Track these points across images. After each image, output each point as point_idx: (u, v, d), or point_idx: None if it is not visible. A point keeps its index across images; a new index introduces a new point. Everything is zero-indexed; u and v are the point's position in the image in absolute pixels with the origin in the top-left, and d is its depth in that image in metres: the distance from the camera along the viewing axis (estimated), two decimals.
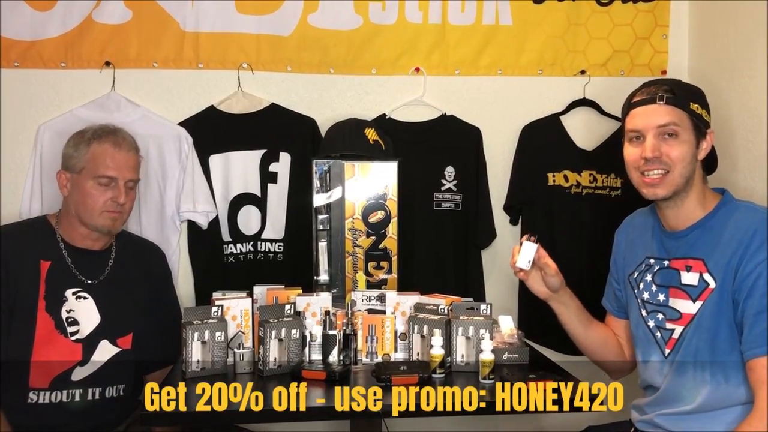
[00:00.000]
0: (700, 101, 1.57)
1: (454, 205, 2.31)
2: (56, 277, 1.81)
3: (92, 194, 1.81)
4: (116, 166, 1.82)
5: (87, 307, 1.83)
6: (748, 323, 1.42)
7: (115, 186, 1.82)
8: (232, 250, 2.26)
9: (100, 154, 1.81)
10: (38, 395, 1.76)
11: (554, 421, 2.31)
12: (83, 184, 1.81)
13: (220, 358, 1.73)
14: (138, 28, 2.21)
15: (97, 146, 1.82)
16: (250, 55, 2.26)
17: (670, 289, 1.58)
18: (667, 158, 1.52)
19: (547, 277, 1.70)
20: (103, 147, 1.82)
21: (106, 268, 1.88)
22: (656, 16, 2.37)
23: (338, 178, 2.07)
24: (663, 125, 1.53)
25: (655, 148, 1.52)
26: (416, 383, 1.61)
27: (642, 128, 1.55)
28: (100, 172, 1.81)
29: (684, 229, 1.57)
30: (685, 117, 1.53)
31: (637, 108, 1.57)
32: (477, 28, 2.32)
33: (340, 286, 2.06)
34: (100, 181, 1.81)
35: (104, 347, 1.83)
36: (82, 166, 1.82)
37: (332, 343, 1.74)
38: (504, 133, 2.36)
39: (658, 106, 1.53)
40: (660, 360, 1.60)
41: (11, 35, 2.17)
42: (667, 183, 1.53)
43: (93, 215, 1.81)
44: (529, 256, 1.66)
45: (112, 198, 1.81)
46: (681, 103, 1.53)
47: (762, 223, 1.47)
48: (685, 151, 1.53)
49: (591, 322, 1.77)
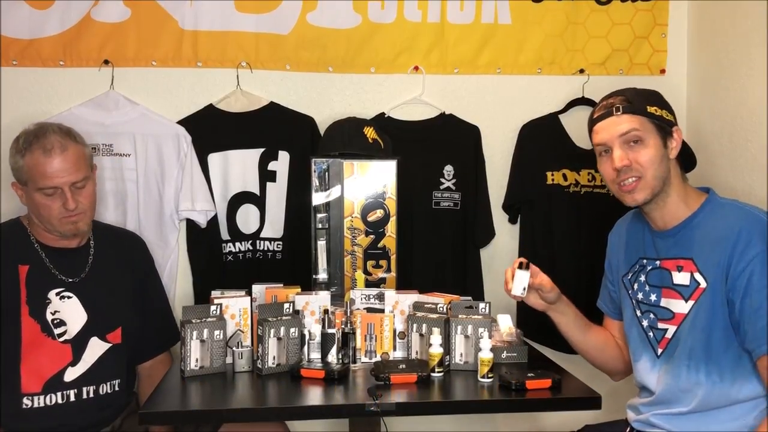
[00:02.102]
0: (658, 103, 1.58)
1: (452, 203, 2.31)
2: (36, 280, 1.79)
3: (42, 205, 1.75)
4: (53, 174, 1.73)
5: (72, 306, 1.81)
6: (749, 321, 1.43)
7: (61, 193, 1.75)
8: (231, 249, 2.26)
9: (33, 166, 1.73)
10: (32, 400, 1.75)
11: (552, 420, 2.31)
12: (33, 196, 1.76)
13: (219, 357, 1.73)
14: (136, 27, 2.21)
15: (29, 158, 1.74)
16: (249, 53, 2.26)
17: (663, 290, 1.59)
18: (637, 164, 1.54)
19: (543, 294, 1.71)
20: (34, 158, 1.73)
21: (87, 265, 1.86)
22: (655, 15, 2.37)
23: (337, 177, 2.07)
24: (624, 133, 1.55)
25: (623, 158, 1.55)
26: (415, 382, 1.62)
27: (606, 141, 1.58)
28: (40, 184, 1.73)
29: (671, 228, 1.58)
30: (646, 121, 1.55)
31: (598, 123, 1.60)
32: (476, 27, 2.32)
33: (339, 284, 2.06)
34: (45, 192, 1.74)
35: (95, 344, 1.82)
36: (26, 179, 1.75)
37: (331, 341, 1.74)
38: (503, 131, 2.36)
39: (616, 117, 1.56)
40: (652, 359, 1.60)
41: (10, 34, 2.17)
42: (643, 187, 1.55)
43: (53, 224, 1.78)
44: (524, 283, 1.68)
45: (61, 206, 1.75)
46: (637, 109, 1.56)
47: (748, 221, 1.48)
48: (653, 154, 1.54)
49: (589, 328, 1.78)
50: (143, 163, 2.19)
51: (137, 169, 2.19)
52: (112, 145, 2.18)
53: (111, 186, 2.18)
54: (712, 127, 2.15)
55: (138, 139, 2.19)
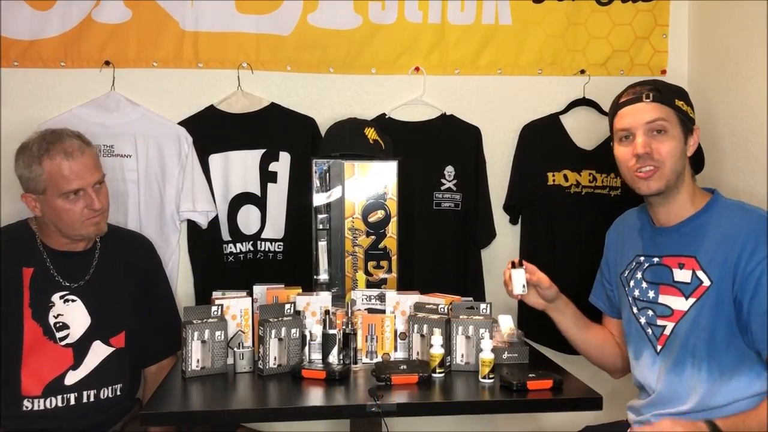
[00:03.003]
0: (685, 99, 1.60)
1: (453, 204, 2.31)
2: (40, 284, 1.79)
3: (66, 209, 1.75)
4: (77, 176, 1.74)
5: (76, 309, 1.81)
6: (757, 322, 1.43)
7: (85, 194, 1.76)
8: (232, 250, 2.26)
9: (56, 171, 1.73)
10: (32, 403, 1.75)
11: (553, 420, 2.31)
12: (53, 203, 1.75)
13: (220, 358, 1.73)
14: (137, 28, 2.21)
15: (48, 164, 1.73)
16: (249, 54, 2.26)
17: (661, 286, 1.59)
18: (657, 154, 1.55)
19: (541, 291, 1.73)
20: (55, 163, 1.73)
21: (91, 268, 1.86)
22: (656, 16, 2.37)
23: (338, 178, 2.07)
24: (651, 121, 1.56)
25: (645, 145, 1.55)
26: (416, 382, 1.62)
27: (631, 126, 1.58)
28: (64, 188, 1.73)
29: (674, 225, 1.59)
30: (672, 113, 1.57)
31: (625, 108, 1.60)
32: (476, 28, 2.32)
33: (340, 285, 2.06)
34: (68, 196, 1.74)
35: (97, 348, 1.82)
36: (44, 187, 1.74)
37: (332, 342, 1.75)
38: (504, 132, 2.36)
39: (645, 104, 1.57)
40: (652, 356, 1.61)
41: (11, 34, 2.17)
42: (659, 177, 1.55)
43: (75, 228, 1.78)
44: (522, 280, 1.71)
45: (86, 206, 1.76)
46: (667, 100, 1.57)
47: (756, 221, 1.49)
48: (674, 147, 1.55)
49: (588, 326, 1.79)
50: (144, 163, 2.19)
51: (138, 170, 2.19)
52: (113, 146, 2.18)
53: (112, 187, 2.15)
54: (713, 127, 2.15)
55: (139, 140, 2.19)
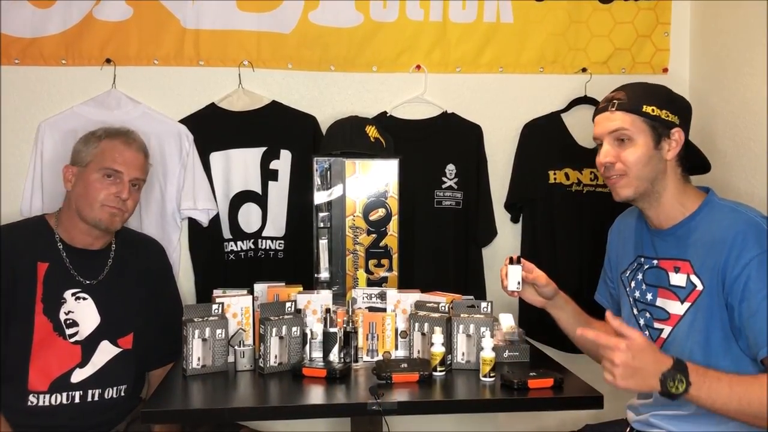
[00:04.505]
0: (658, 102, 1.55)
1: (454, 202, 2.31)
2: (54, 279, 1.80)
3: (95, 186, 1.80)
4: (123, 162, 1.83)
5: (87, 307, 1.82)
6: (748, 326, 1.42)
7: (120, 182, 1.82)
8: (233, 248, 2.26)
9: (110, 149, 1.83)
10: (38, 398, 1.75)
11: (553, 419, 2.31)
12: (88, 177, 1.81)
13: (221, 356, 1.73)
14: (138, 26, 2.21)
15: (107, 142, 1.84)
16: (250, 52, 2.26)
17: (659, 289, 1.59)
18: (622, 162, 1.55)
19: (539, 289, 1.74)
20: (113, 143, 1.84)
21: (105, 268, 1.87)
22: (658, 14, 2.37)
23: (339, 176, 2.06)
24: (613, 131, 1.56)
25: (607, 154, 1.56)
26: (417, 381, 1.62)
27: (598, 135, 1.60)
28: (107, 164, 1.81)
29: (669, 228, 1.58)
30: (638, 120, 1.54)
31: (596, 117, 1.62)
32: (478, 26, 2.32)
33: (341, 283, 2.07)
34: (106, 172, 1.81)
35: (105, 348, 1.83)
36: (90, 160, 1.83)
37: (333, 340, 1.74)
38: (505, 131, 2.36)
39: (609, 113, 1.57)
40: None
41: (12, 32, 2.17)
42: (626, 185, 1.56)
43: (93, 207, 1.80)
44: (517, 277, 1.71)
45: (115, 193, 1.80)
46: (632, 107, 1.55)
47: (744, 224, 1.47)
48: (640, 154, 1.54)
49: (589, 323, 1.78)
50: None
51: None
52: None
53: None
54: (714, 126, 2.15)
55: None
